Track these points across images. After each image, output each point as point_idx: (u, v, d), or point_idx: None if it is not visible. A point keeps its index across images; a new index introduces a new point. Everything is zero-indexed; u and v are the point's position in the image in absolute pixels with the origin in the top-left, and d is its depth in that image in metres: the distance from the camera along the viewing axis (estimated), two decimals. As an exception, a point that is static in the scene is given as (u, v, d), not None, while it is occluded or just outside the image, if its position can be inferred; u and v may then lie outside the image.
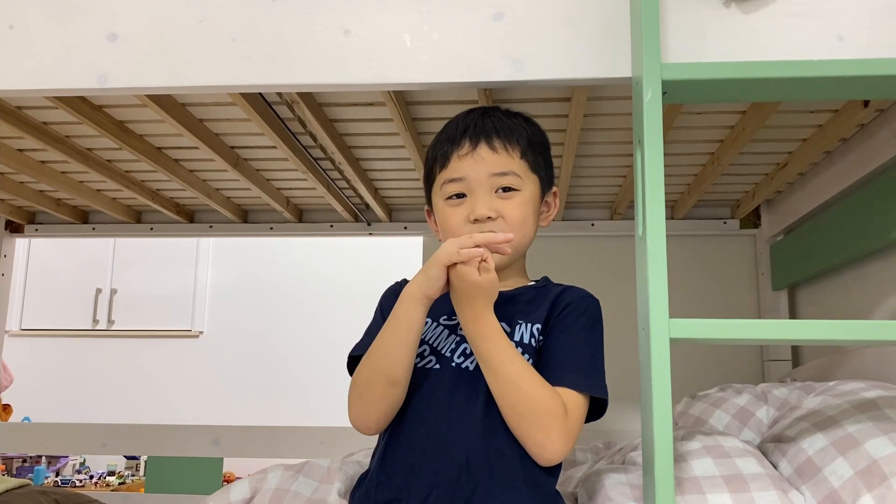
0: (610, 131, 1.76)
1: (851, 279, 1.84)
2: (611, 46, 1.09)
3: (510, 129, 1.11)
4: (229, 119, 1.70)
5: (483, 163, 1.08)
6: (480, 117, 1.12)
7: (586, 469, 1.36)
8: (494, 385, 1.00)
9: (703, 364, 2.26)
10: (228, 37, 1.13)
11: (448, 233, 1.09)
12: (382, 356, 1.02)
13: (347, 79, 1.12)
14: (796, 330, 0.98)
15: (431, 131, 1.75)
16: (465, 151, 1.09)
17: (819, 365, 1.83)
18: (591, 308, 1.10)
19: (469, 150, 1.09)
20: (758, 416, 1.48)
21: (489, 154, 1.08)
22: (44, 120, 1.72)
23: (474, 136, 1.09)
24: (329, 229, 2.57)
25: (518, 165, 1.09)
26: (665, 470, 0.88)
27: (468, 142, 1.09)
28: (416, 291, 1.00)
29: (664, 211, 0.93)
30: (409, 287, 1.01)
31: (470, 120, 1.12)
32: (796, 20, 1.06)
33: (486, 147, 1.09)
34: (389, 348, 1.01)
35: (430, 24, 1.12)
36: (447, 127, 1.15)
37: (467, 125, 1.11)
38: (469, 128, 1.10)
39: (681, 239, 2.41)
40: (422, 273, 1.01)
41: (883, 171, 1.60)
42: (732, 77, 0.98)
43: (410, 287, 1.01)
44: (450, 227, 1.09)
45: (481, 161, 1.08)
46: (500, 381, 0.99)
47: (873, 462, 0.98)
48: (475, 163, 1.08)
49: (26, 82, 1.15)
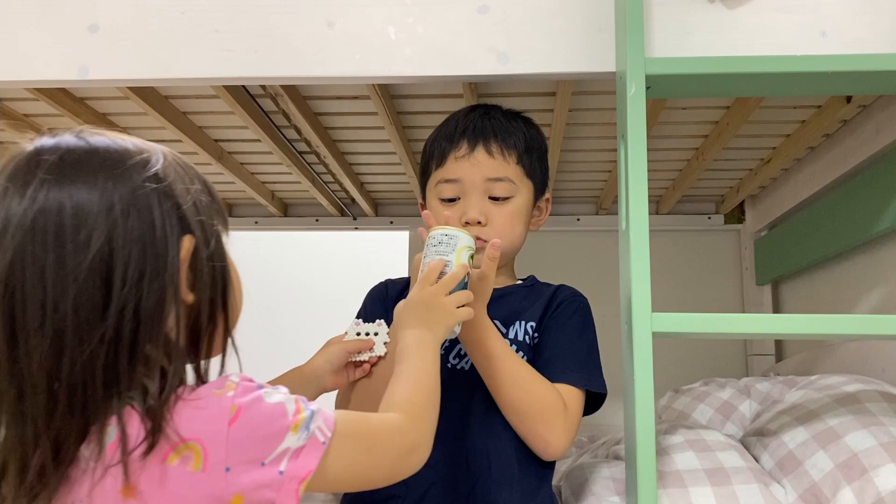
0: (595, 126, 1.76)
1: (835, 274, 1.85)
2: (595, 41, 1.09)
3: (509, 133, 1.10)
4: (213, 112, 1.69)
5: (479, 166, 1.08)
6: (481, 118, 1.12)
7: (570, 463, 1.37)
8: (494, 385, 1.00)
9: (687, 358, 2.26)
10: (211, 28, 1.12)
11: None
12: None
13: (331, 72, 1.11)
14: (779, 324, 0.99)
15: (417, 125, 1.75)
16: (462, 153, 1.09)
17: (802, 359, 1.85)
18: (583, 306, 1.12)
19: (466, 152, 1.09)
20: (741, 410, 1.49)
21: (486, 158, 1.08)
22: (24, 112, 1.70)
23: (472, 139, 1.09)
24: (315, 223, 2.56)
25: (513, 171, 1.10)
26: (648, 463, 0.88)
27: (466, 144, 1.09)
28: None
29: (647, 205, 0.93)
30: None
31: (470, 121, 1.11)
32: (780, 15, 1.06)
33: (484, 151, 1.09)
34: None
35: (415, 16, 1.11)
36: (447, 123, 1.15)
37: (466, 126, 1.11)
38: (468, 129, 1.10)
39: (665, 234, 2.42)
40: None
41: (866, 166, 1.61)
42: (716, 72, 0.99)
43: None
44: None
45: (477, 165, 1.08)
46: (499, 380, 0.99)
47: (853, 455, 0.99)
48: (471, 166, 1.08)
49: (6, 73, 1.14)
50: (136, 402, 0.63)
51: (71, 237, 0.62)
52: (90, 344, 0.62)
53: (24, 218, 0.63)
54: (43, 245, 0.62)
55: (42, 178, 0.64)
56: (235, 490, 0.62)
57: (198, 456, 0.62)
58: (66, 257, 0.62)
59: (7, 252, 0.62)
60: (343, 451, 0.68)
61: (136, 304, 0.63)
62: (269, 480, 0.63)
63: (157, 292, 0.65)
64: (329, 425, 0.67)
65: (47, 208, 0.63)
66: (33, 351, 0.61)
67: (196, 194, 0.71)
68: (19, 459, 0.62)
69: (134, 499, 0.61)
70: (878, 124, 1.53)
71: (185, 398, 0.64)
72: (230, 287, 0.73)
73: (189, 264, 0.68)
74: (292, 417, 0.65)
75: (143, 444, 0.61)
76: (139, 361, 0.64)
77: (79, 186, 0.64)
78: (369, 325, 1.04)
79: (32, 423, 0.62)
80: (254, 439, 0.63)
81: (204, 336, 0.70)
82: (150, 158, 0.69)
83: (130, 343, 0.63)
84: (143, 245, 0.65)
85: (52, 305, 0.61)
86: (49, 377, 0.62)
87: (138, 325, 0.63)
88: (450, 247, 0.93)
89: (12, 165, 0.66)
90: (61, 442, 0.62)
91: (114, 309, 0.62)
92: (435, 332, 0.87)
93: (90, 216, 0.63)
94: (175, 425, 0.62)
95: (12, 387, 0.62)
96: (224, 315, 0.72)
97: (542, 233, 1.25)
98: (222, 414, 0.63)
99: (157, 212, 0.67)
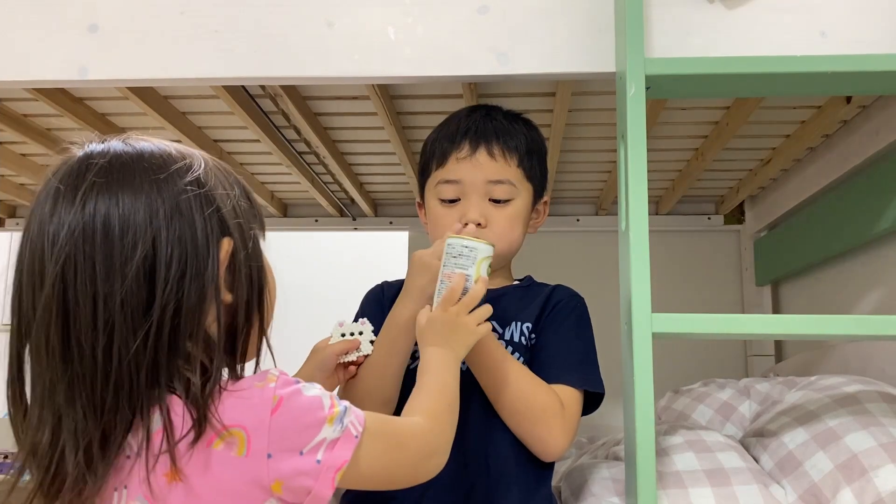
0: (595, 126, 1.75)
1: (834, 274, 1.85)
2: (595, 41, 1.09)
3: (510, 135, 1.10)
4: (212, 112, 1.69)
5: (480, 168, 1.08)
6: (483, 119, 1.11)
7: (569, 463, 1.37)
8: (491, 387, 1.00)
9: (687, 359, 2.26)
10: (211, 28, 1.12)
11: (438, 231, 1.09)
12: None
13: (331, 72, 1.11)
14: (779, 325, 0.99)
15: (417, 125, 1.75)
16: (463, 155, 1.09)
17: (802, 360, 1.84)
18: (579, 306, 1.12)
19: (468, 153, 1.09)
20: (740, 410, 1.49)
21: (487, 160, 1.08)
22: (24, 112, 1.70)
23: (474, 140, 1.09)
24: (314, 224, 2.56)
25: (514, 174, 1.09)
26: (647, 464, 0.88)
27: (468, 145, 1.09)
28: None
29: (647, 205, 0.93)
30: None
31: (472, 122, 1.11)
32: (779, 15, 1.06)
33: (485, 153, 1.08)
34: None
35: (415, 17, 1.11)
36: (448, 123, 1.14)
37: (468, 127, 1.10)
38: (470, 130, 1.10)
39: (665, 234, 2.42)
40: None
41: (865, 167, 1.61)
42: (716, 72, 0.99)
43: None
44: (441, 227, 1.09)
45: (479, 167, 1.08)
46: (497, 382, 0.99)
47: (853, 456, 0.99)
48: (472, 168, 1.08)
49: (5, 73, 1.14)
50: (181, 391, 0.66)
51: (119, 239, 0.67)
52: (136, 338, 0.65)
53: (76, 219, 0.67)
54: (93, 245, 0.66)
55: (92, 182, 0.68)
56: (276, 476, 0.66)
57: (242, 442, 0.65)
58: (114, 257, 0.66)
59: (62, 252, 0.66)
60: (372, 448, 0.71)
61: (178, 301, 0.67)
62: (308, 468, 0.66)
63: (198, 291, 0.68)
64: (360, 421, 0.71)
65: (97, 211, 0.67)
66: (85, 343, 0.65)
67: (235, 199, 0.75)
68: (72, 448, 0.65)
69: (180, 482, 0.65)
70: (877, 125, 1.53)
71: (228, 389, 0.68)
72: (266, 288, 0.77)
73: (227, 265, 0.72)
74: (328, 410, 0.69)
75: (191, 431, 0.64)
76: (180, 356, 0.67)
77: (126, 191, 0.69)
78: (353, 325, 1.04)
79: (82, 413, 0.65)
80: (294, 428, 0.67)
81: (240, 335, 0.73)
82: (193, 164, 0.73)
83: (172, 338, 0.67)
84: (185, 247, 0.69)
85: (103, 301, 0.65)
86: (99, 369, 0.65)
87: (180, 322, 0.67)
88: (470, 259, 0.93)
89: (65, 168, 0.71)
90: (109, 432, 0.66)
91: (157, 306, 0.66)
92: (457, 352, 0.91)
93: (136, 219, 0.68)
94: (220, 413, 0.66)
95: (65, 378, 0.66)
96: (259, 315, 0.75)
97: (541, 233, 1.25)
98: (265, 403, 0.67)
99: (198, 215, 0.71)
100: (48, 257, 0.66)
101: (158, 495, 0.65)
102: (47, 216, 0.68)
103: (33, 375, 0.68)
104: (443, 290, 0.93)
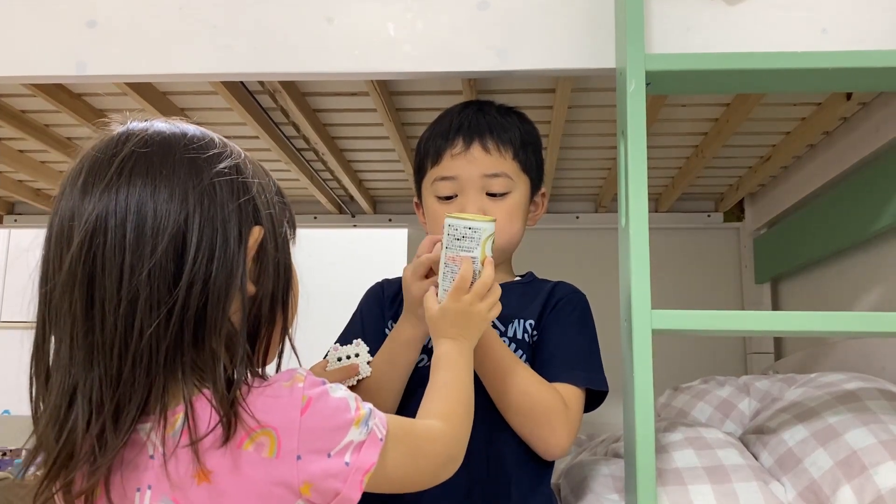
0: (594, 123, 1.75)
1: (834, 272, 1.85)
2: (595, 37, 1.08)
3: (504, 129, 1.10)
4: (211, 108, 1.68)
5: (475, 163, 1.08)
6: (475, 114, 1.11)
7: (569, 461, 1.36)
8: (494, 386, 1.00)
9: (687, 356, 2.26)
10: (210, 24, 1.12)
11: (437, 230, 1.09)
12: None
13: (330, 68, 1.11)
14: (778, 321, 0.99)
15: (416, 122, 1.74)
16: (458, 150, 1.09)
17: (801, 357, 1.84)
18: (582, 303, 1.12)
19: (462, 149, 1.08)
20: (740, 407, 1.48)
21: (482, 155, 1.08)
22: (22, 108, 1.70)
23: (468, 136, 1.09)
24: (313, 221, 2.55)
25: (510, 166, 1.09)
26: (647, 461, 0.88)
27: (461, 141, 1.09)
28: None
29: (647, 202, 0.93)
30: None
31: (464, 117, 1.11)
32: (780, 12, 1.06)
33: (480, 147, 1.08)
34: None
35: (414, 12, 1.11)
36: (441, 120, 1.14)
37: (461, 122, 1.10)
38: (463, 126, 1.10)
39: (665, 232, 2.41)
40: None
41: (865, 164, 1.61)
42: (716, 68, 0.98)
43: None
44: (439, 226, 1.09)
45: (474, 161, 1.08)
46: (499, 382, 0.99)
47: (853, 453, 0.99)
48: (468, 163, 1.08)
49: (3, 69, 1.13)
50: (207, 389, 0.65)
51: (152, 211, 0.66)
52: (160, 312, 0.65)
53: (112, 187, 0.66)
54: (125, 214, 0.66)
55: (131, 151, 0.68)
56: (305, 478, 0.65)
57: (272, 442, 0.64)
58: (146, 229, 0.65)
59: (91, 217, 0.65)
60: (396, 451, 0.71)
61: (205, 281, 0.66)
62: (337, 471, 0.66)
63: (225, 274, 0.68)
64: (384, 424, 0.71)
65: (133, 182, 0.67)
66: (109, 313, 0.64)
67: (269, 192, 0.76)
68: (85, 415, 0.64)
69: (208, 483, 0.63)
70: (877, 122, 1.53)
71: (255, 387, 0.67)
72: (292, 286, 0.76)
73: (255, 255, 0.72)
74: (354, 413, 0.68)
75: (221, 431, 0.63)
76: (202, 340, 0.66)
77: (164, 166, 0.68)
78: (348, 348, 1.04)
79: (99, 381, 0.64)
80: (323, 430, 0.66)
81: (263, 332, 0.73)
82: (232, 152, 0.74)
83: (196, 319, 0.66)
84: (215, 228, 0.68)
85: (130, 270, 0.64)
86: (120, 340, 0.64)
87: (205, 302, 0.66)
88: (474, 241, 0.90)
89: (104, 140, 0.70)
90: (122, 405, 0.65)
91: (184, 283, 0.65)
92: (472, 339, 0.90)
93: (172, 195, 0.67)
94: (251, 413, 0.64)
95: (84, 344, 0.65)
96: (283, 313, 0.75)
97: (540, 230, 1.25)
98: (294, 403, 0.66)
99: (232, 200, 0.70)
100: (78, 223, 0.66)
101: (184, 496, 0.64)
102: (80, 182, 0.67)
103: (55, 341, 0.67)
104: (448, 276, 0.90)
